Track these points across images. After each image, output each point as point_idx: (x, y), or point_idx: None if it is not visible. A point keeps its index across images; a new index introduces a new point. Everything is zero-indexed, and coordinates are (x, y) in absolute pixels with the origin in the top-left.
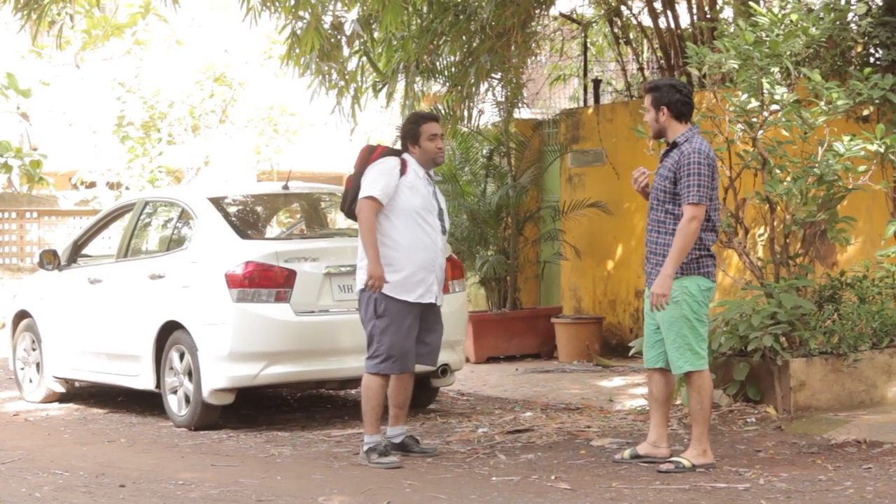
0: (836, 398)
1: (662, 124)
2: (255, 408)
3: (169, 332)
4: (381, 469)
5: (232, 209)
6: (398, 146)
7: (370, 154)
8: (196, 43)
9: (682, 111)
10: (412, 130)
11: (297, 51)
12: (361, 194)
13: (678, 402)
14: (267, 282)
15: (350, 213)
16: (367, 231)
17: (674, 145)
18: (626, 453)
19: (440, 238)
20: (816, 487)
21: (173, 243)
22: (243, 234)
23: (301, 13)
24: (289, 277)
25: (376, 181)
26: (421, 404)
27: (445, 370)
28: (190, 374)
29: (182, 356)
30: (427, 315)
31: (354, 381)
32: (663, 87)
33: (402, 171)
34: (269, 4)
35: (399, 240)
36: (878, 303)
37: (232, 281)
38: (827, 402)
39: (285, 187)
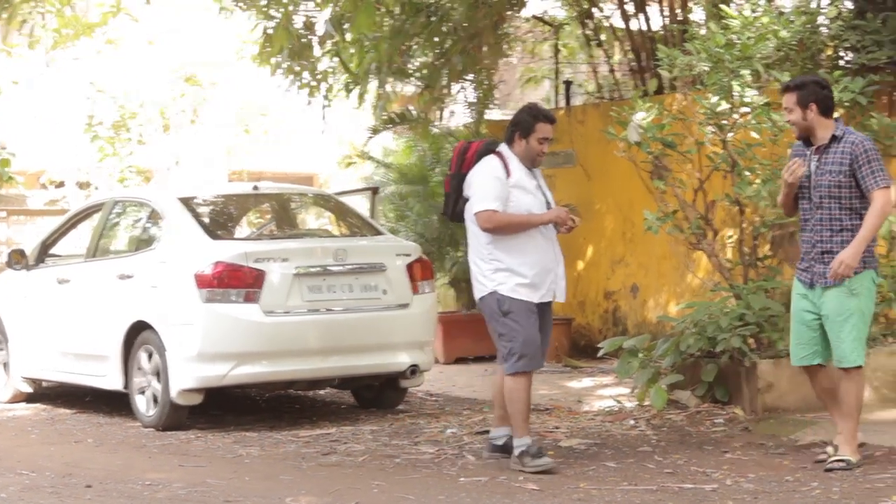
0: (803, 399)
1: (811, 122)
2: (223, 408)
3: (137, 333)
4: (532, 472)
5: (202, 209)
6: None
7: (466, 152)
8: (167, 43)
9: (830, 106)
10: (528, 124)
11: (269, 50)
12: (478, 207)
13: (647, 402)
14: (236, 282)
15: (455, 217)
16: (516, 227)
17: (832, 140)
18: (830, 450)
19: (552, 231)
20: (783, 488)
21: (142, 243)
22: (213, 235)
23: (272, 13)
24: (258, 278)
25: (489, 190)
26: (390, 405)
27: (414, 371)
28: (158, 375)
29: (150, 356)
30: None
31: (323, 382)
32: (809, 84)
33: (507, 172)
34: (240, 4)
35: (517, 243)
36: None
37: (201, 281)
38: (794, 404)
39: (255, 188)
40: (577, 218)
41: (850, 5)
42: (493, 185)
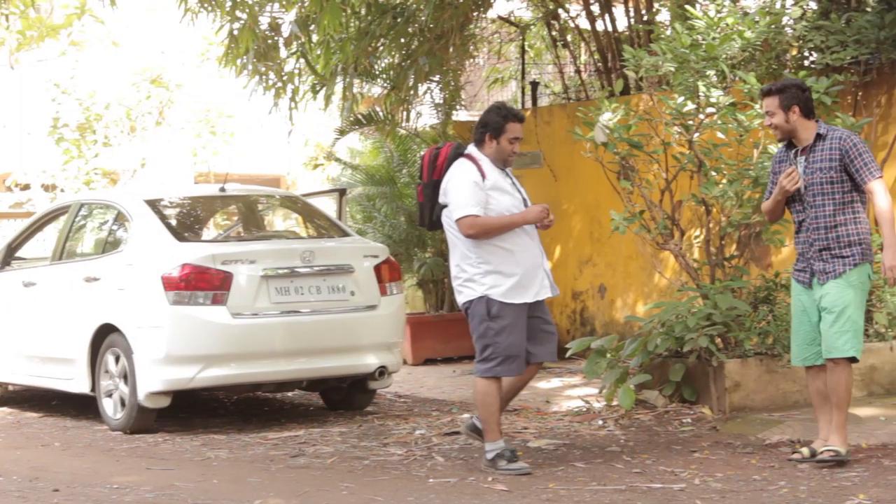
0: (770, 398)
1: (794, 124)
2: (191, 411)
3: (104, 336)
4: (507, 476)
5: (168, 211)
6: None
7: (436, 159)
8: (132, 44)
9: (811, 107)
10: (498, 124)
11: (235, 52)
12: (459, 214)
13: (615, 402)
14: (203, 284)
15: (432, 226)
16: (499, 230)
17: (817, 139)
18: (806, 451)
19: (534, 228)
20: (751, 487)
21: (109, 246)
22: (180, 237)
23: (238, 14)
24: (225, 280)
25: (468, 196)
26: (358, 406)
27: (383, 372)
28: (125, 378)
29: (117, 359)
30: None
31: (291, 384)
32: (790, 87)
33: (482, 174)
34: (206, 5)
35: (501, 245)
36: None
37: (168, 283)
38: (761, 403)
39: (222, 189)
40: (551, 215)
41: (814, 6)
42: (470, 189)
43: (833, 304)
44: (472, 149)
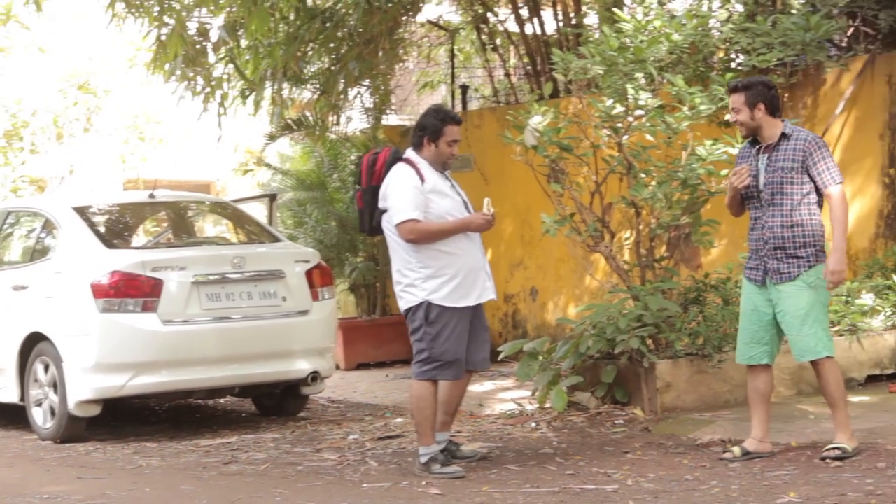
0: (701, 399)
1: (759, 121)
2: (122, 419)
3: (33, 344)
4: (441, 479)
5: (97, 218)
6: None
7: (374, 164)
8: (59, 50)
9: (777, 106)
10: (436, 128)
11: (163, 57)
12: (399, 219)
13: (547, 405)
14: (133, 291)
15: (373, 231)
16: (439, 235)
17: (782, 137)
18: (737, 451)
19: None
20: (683, 487)
21: (37, 254)
22: (109, 244)
23: (166, 19)
24: (156, 287)
25: (408, 200)
26: (291, 412)
27: (315, 377)
28: (55, 386)
29: (47, 368)
30: (475, 314)
31: (223, 391)
32: (756, 84)
33: (421, 178)
34: (133, 11)
35: (442, 249)
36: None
37: (97, 291)
38: (693, 403)
39: (151, 196)
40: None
41: (740, 9)
42: (410, 194)
43: (796, 309)
44: (410, 153)
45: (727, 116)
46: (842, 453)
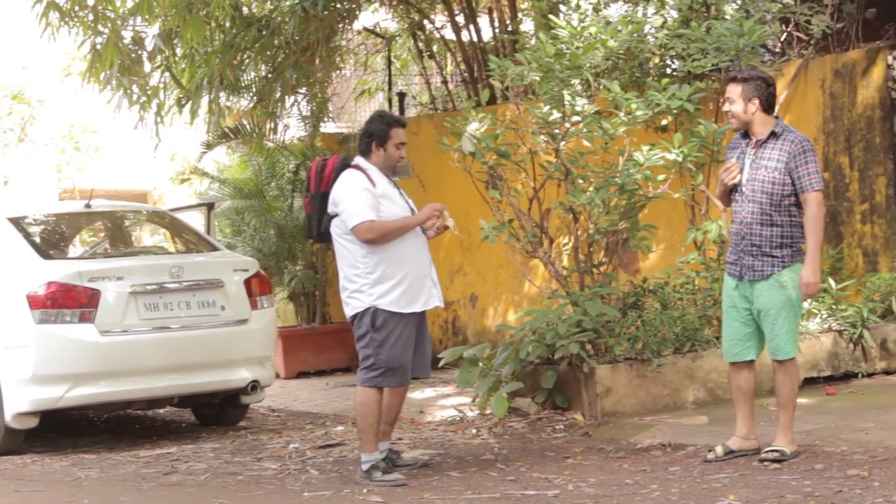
0: (641, 403)
1: (751, 116)
2: (60, 431)
3: None
4: (382, 487)
5: (33, 229)
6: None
7: (323, 170)
8: None
9: (772, 103)
10: (383, 132)
11: (98, 66)
12: (355, 221)
13: (488, 411)
14: (70, 302)
15: (321, 237)
16: (396, 231)
17: (771, 135)
18: (719, 450)
19: (423, 237)
20: (624, 491)
21: None
22: (45, 254)
23: (100, 28)
24: (93, 297)
25: (361, 202)
26: (231, 422)
27: (255, 386)
28: None
29: None
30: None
31: (162, 401)
32: (754, 79)
33: (372, 183)
34: (67, 20)
35: (391, 253)
36: (679, 308)
37: (34, 302)
38: (632, 407)
39: (88, 206)
40: (445, 218)
41: (675, 14)
42: (363, 196)
43: (769, 307)
44: (359, 159)
45: (664, 122)
46: (780, 456)
